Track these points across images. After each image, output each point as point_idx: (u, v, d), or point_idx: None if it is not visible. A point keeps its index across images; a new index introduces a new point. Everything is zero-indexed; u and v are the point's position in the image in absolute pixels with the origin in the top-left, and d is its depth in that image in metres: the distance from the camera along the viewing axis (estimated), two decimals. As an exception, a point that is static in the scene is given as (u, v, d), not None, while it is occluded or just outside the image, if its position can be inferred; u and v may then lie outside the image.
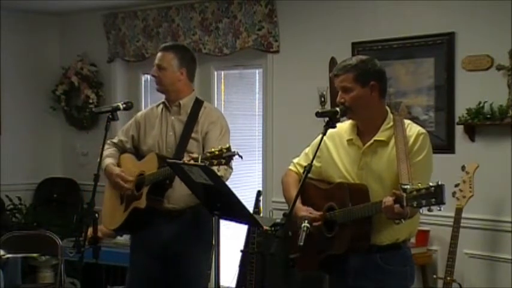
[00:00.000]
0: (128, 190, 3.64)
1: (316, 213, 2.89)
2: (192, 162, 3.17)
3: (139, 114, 3.86)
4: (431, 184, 2.49)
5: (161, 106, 3.80)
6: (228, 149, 3.15)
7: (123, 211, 3.68)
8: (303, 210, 2.90)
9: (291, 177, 3.15)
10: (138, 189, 3.63)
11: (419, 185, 2.52)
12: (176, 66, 3.70)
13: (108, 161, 3.74)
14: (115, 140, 3.89)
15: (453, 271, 4.22)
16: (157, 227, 3.64)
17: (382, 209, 2.64)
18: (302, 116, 5.17)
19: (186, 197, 3.59)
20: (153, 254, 3.67)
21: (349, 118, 2.96)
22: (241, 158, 3.17)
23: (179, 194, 3.60)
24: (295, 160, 3.19)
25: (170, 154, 3.63)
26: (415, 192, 2.51)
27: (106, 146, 3.84)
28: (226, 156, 3.12)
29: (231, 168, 3.57)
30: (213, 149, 3.16)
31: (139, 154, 3.79)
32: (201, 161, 3.15)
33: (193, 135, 3.66)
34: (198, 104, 3.77)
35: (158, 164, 3.55)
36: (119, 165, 3.78)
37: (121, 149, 3.86)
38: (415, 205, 2.51)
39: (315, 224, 2.85)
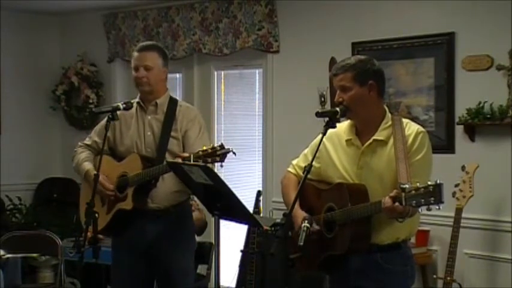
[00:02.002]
0: (110, 197, 3.62)
1: (315, 228, 2.87)
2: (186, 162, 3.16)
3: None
4: (429, 183, 2.49)
5: (135, 106, 3.73)
6: (222, 146, 3.14)
7: (105, 213, 3.63)
8: (301, 219, 2.86)
9: (289, 180, 3.15)
10: (121, 191, 3.60)
11: (418, 184, 2.53)
12: (161, 65, 3.69)
13: (88, 166, 3.67)
14: (88, 142, 3.81)
15: (453, 271, 4.22)
16: (140, 227, 3.61)
17: (383, 209, 2.64)
18: (302, 116, 5.17)
19: (169, 196, 3.61)
20: (138, 253, 3.65)
21: (347, 118, 2.96)
22: (235, 154, 3.16)
23: (163, 193, 3.59)
24: (294, 162, 3.19)
25: (150, 154, 3.61)
26: (413, 192, 2.52)
27: (79, 149, 3.79)
28: (220, 154, 3.12)
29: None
30: (204, 147, 3.15)
31: (116, 155, 3.72)
32: (193, 160, 3.14)
33: (172, 134, 3.64)
34: (173, 102, 3.73)
35: (142, 165, 3.53)
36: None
37: (95, 150, 3.77)
38: (413, 204, 2.52)
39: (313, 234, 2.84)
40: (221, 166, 3.18)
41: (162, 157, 3.54)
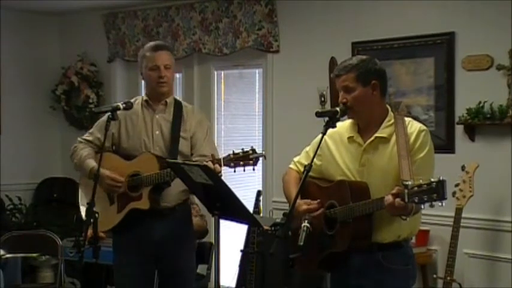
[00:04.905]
0: (120, 191, 3.60)
1: (314, 203, 2.89)
2: (216, 165, 3.29)
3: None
4: (432, 180, 2.49)
5: (140, 104, 3.71)
6: (254, 150, 3.25)
7: (116, 212, 3.62)
8: (302, 205, 2.89)
9: (291, 175, 3.15)
10: (133, 190, 3.59)
11: (421, 181, 2.53)
12: (174, 64, 3.74)
13: (93, 163, 3.62)
14: (89, 138, 3.74)
15: (453, 271, 4.22)
16: (149, 226, 3.61)
17: (385, 206, 2.64)
18: (302, 116, 5.17)
19: (178, 195, 3.64)
20: (145, 253, 3.64)
21: (349, 117, 2.96)
22: (265, 158, 3.28)
23: (172, 192, 3.60)
24: (296, 159, 3.19)
25: (159, 152, 3.61)
26: (416, 188, 2.52)
27: (81, 145, 3.73)
28: (253, 158, 3.23)
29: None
30: (235, 151, 3.27)
31: (119, 153, 3.69)
32: (224, 163, 3.27)
33: (182, 134, 3.66)
34: (177, 102, 3.76)
35: (159, 165, 3.53)
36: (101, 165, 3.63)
37: (96, 147, 3.71)
38: (416, 201, 2.52)
39: (314, 214, 2.86)
40: (253, 169, 3.32)
41: (175, 158, 3.56)
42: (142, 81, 6.68)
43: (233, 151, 3.43)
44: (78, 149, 3.74)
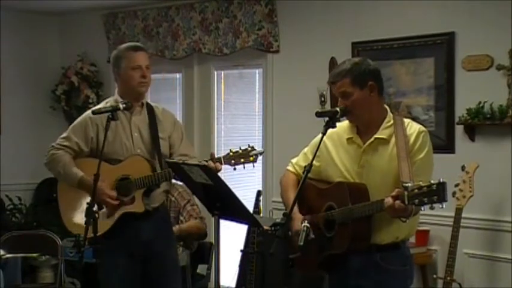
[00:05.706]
0: (113, 204, 3.55)
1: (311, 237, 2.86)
2: (217, 163, 3.37)
3: (93, 114, 3.59)
4: (432, 182, 2.49)
5: (114, 105, 3.55)
6: (253, 148, 3.32)
7: (105, 216, 3.57)
8: (298, 220, 2.87)
9: (289, 178, 3.14)
10: (123, 193, 3.56)
11: (421, 182, 2.52)
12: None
13: (81, 172, 3.55)
14: (67, 143, 3.62)
15: (453, 271, 4.22)
16: (136, 227, 3.61)
17: (385, 208, 2.64)
18: (302, 116, 5.17)
19: (161, 195, 3.69)
20: (134, 255, 3.63)
21: (349, 120, 2.95)
22: (261, 155, 3.43)
23: (157, 192, 3.63)
24: (294, 160, 3.18)
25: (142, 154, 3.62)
26: (416, 190, 2.51)
27: (60, 152, 3.60)
28: (254, 155, 3.30)
29: None
30: (234, 149, 3.33)
31: (98, 157, 3.49)
32: (225, 161, 3.34)
33: (160, 135, 3.66)
34: (148, 104, 3.73)
35: (151, 167, 3.54)
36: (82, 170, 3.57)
37: (74, 152, 3.62)
38: (416, 203, 2.51)
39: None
40: (253, 166, 3.45)
41: (160, 159, 3.57)
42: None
43: (230, 149, 3.46)
44: (58, 155, 3.62)
